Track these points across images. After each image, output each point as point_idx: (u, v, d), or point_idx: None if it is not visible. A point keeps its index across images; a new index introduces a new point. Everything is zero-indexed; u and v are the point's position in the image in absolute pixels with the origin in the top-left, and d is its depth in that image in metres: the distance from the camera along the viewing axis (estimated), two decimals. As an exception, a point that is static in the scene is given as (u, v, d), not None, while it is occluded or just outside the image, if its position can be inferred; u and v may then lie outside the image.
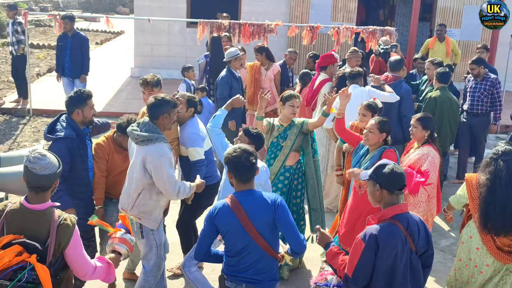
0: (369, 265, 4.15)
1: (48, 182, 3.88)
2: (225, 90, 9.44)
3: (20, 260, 3.66)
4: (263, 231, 4.48)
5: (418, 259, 4.29)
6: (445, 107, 8.86)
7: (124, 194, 5.74)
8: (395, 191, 4.27)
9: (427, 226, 4.40)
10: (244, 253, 4.54)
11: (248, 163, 4.50)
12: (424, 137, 6.55)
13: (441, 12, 18.54)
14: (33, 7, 31.56)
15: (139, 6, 18.24)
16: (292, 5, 18.08)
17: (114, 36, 29.10)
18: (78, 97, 5.82)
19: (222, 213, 4.52)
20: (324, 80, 9.43)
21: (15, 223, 3.84)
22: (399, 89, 8.92)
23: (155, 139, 5.36)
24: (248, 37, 13.05)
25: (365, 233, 4.18)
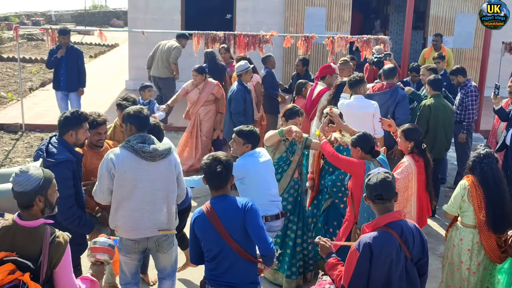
0: (364, 274, 4.18)
1: (22, 199, 3.82)
2: (239, 105, 9.56)
3: (13, 279, 3.61)
4: (236, 235, 4.61)
5: (413, 267, 4.31)
6: (440, 114, 8.90)
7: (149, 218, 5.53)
8: (375, 200, 4.34)
9: (423, 233, 4.43)
10: (220, 257, 4.66)
11: (215, 171, 4.64)
12: (409, 148, 6.56)
13: (434, 20, 18.65)
14: (25, 21, 31.47)
15: (133, 18, 18.29)
16: (287, 16, 18.17)
17: (108, 49, 29.01)
18: (75, 118, 5.57)
19: (198, 220, 4.71)
20: (323, 89, 9.51)
21: (7, 240, 3.81)
22: (396, 95, 9.01)
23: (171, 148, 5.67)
24: (243, 48, 13.08)
25: (359, 242, 4.22)
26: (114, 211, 5.54)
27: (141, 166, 5.41)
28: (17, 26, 14.07)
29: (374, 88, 9.31)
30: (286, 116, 7.07)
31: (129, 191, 5.45)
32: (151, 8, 18.10)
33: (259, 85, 11.05)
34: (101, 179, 5.47)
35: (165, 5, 18.09)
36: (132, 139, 5.43)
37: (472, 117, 10.17)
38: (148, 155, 5.39)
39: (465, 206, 6.01)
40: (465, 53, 18.38)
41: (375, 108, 8.22)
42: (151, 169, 5.46)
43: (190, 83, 10.56)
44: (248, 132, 6.04)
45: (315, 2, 18.15)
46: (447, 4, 18.52)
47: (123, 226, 5.54)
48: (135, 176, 5.43)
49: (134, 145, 5.38)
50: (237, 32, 13.35)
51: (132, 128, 5.55)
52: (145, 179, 5.46)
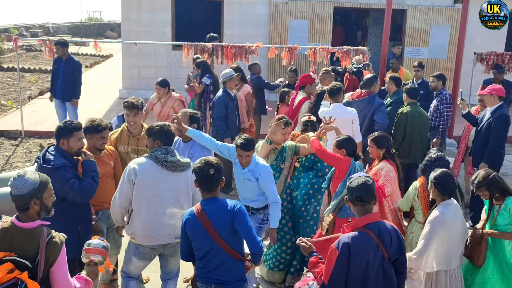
0: (343, 272, 4.18)
1: (19, 202, 3.82)
2: (221, 110, 9.56)
3: (12, 277, 3.61)
4: (224, 235, 4.64)
5: (390, 265, 4.33)
6: (416, 122, 8.94)
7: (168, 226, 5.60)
8: (355, 202, 4.36)
9: (400, 234, 4.44)
10: (210, 255, 4.69)
11: (207, 174, 4.69)
12: (380, 155, 6.64)
13: (410, 32, 18.75)
14: (24, 33, 31.32)
15: (126, 30, 18.26)
16: (272, 28, 18.20)
17: (103, 59, 28.95)
18: (66, 128, 5.56)
19: (189, 221, 4.74)
20: (304, 98, 9.56)
21: (6, 241, 3.80)
22: (373, 103, 9.06)
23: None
24: (230, 58, 13.10)
25: (338, 242, 4.23)
26: (134, 219, 5.60)
27: (162, 176, 5.52)
28: (17, 38, 13.99)
29: (353, 96, 9.37)
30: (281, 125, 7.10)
31: (148, 199, 5.53)
32: (144, 21, 18.09)
33: (250, 95, 11.04)
34: (121, 186, 5.55)
35: (156, 18, 18.08)
36: (157, 150, 5.57)
37: (446, 123, 10.22)
38: (170, 164, 5.52)
39: (417, 205, 6.22)
40: (440, 63, 18.51)
41: (354, 115, 8.31)
42: (171, 179, 5.58)
43: (154, 96, 10.13)
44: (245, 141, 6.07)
45: (298, 15, 18.20)
46: (422, 17, 18.64)
47: (141, 233, 5.60)
48: (156, 184, 5.52)
49: (158, 155, 5.52)
50: (224, 44, 13.36)
51: (159, 143, 5.66)
52: (165, 188, 5.55)
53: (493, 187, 5.60)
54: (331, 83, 9.44)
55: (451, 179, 5.47)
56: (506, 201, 5.54)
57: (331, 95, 8.55)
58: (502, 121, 8.42)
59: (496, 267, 5.63)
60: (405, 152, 8.93)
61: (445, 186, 5.42)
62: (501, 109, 8.54)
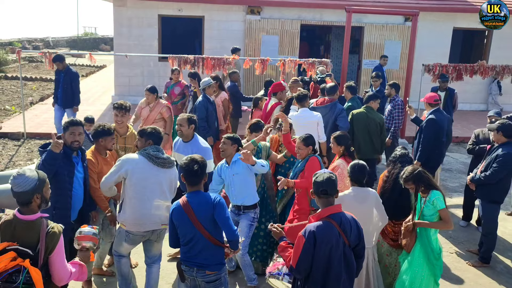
0: (309, 257, 4.19)
1: (23, 198, 3.79)
2: (202, 112, 9.58)
3: (15, 265, 3.58)
4: (206, 224, 4.69)
5: (351, 251, 4.34)
6: (362, 122, 8.98)
7: (155, 214, 5.68)
8: (320, 195, 4.36)
9: (359, 224, 4.44)
10: (193, 242, 4.75)
11: (192, 169, 4.74)
12: (340, 151, 6.70)
13: (367, 46, 18.86)
14: (27, 46, 31.06)
15: (118, 44, 18.11)
16: (246, 42, 18.18)
17: (97, 69, 28.78)
18: (65, 124, 5.86)
19: (175, 211, 4.79)
20: (275, 104, 9.58)
21: (9, 232, 3.77)
22: (334, 109, 9.07)
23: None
24: (210, 68, 13.08)
25: (305, 230, 4.23)
26: (125, 208, 5.66)
27: (152, 171, 5.61)
28: (20, 50, 13.85)
29: (318, 102, 9.40)
30: (251, 129, 7.19)
31: (139, 191, 5.59)
32: (133, 35, 17.97)
33: (227, 101, 11.06)
34: (111, 174, 5.61)
35: (144, 33, 17.98)
36: (149, 149, 5.68)
37: (398, 125, 10.31)
38: (161, 161, 5.64)
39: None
40: (393, 73, 18.64)
41: (319, 118, 8.34)
42: (160, 174, 5.67)
43: (143, 101, 10.05)
44: (235, 137, 6.39)
45: (269, 31, 18.21)
46: (377, 33, 18.76)
47: (131, 221, 5.64)
48: (146, 178, 5.60)
49: (150, 152, 5.64)
50: (205, 56, 13.32)
51: (150, 142, 5.78)
52: (154, 181, 5.64)
53: (418, 181, 5.62)
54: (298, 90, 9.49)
55: (362, 171, 5.63)
56: (430, 194, 5.57)
57: (298, 101, 8.60)
58: (429, 124, 8.53)
59: (422, 253, 5.63)
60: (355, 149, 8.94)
61: (355, 175, 5.63)
62: (431, 114, 8.65)
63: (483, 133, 8.60)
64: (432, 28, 18.97)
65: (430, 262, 5.61)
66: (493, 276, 7.29)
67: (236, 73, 12.30)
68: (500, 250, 8.04)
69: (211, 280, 4.81)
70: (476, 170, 7.63)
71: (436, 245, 5.68)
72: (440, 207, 5.49)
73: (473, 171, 7.70)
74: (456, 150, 13.27)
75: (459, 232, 8.66)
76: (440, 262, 5.69)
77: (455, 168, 12.31)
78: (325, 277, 4.26)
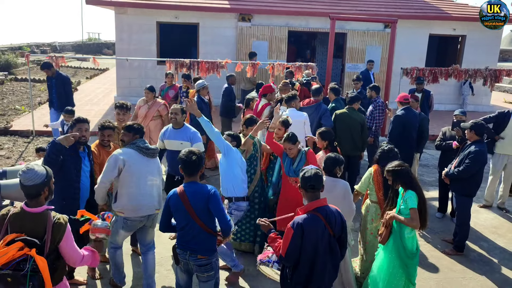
0: (297, 247, 4.17)
1: (33, 191, 3.76)
2: None
3: (22, 254, 3.58)
4: (199, 213, 4.70)
5: (335, 241, 4.33)
6: (345, 121, 8.89)
7: (150, 200, 5.75)
8: (307, 189, 4.33)
9: (343, 216, 4.42)
10: (186, 228, 4.77)
11: (190, 160, 4.73)
12: (324, 145, 6.86)
13: (350, 51, 18.86)
14: (35, 50, 30.88)
15: (120, 48, 18.04)
16: (238, 47, 18.13)
17: (100, 72, 28.70)
18: (72, 121, 5.91)
19: (172, 198, 4.78)
20: (265, 104, 9.51)
21: (17, 224, 3.74)
22: (319, 109, 9.03)
23: None
24: (204, 71, 13.04)
25: (293, 222, 4.20)
26: (122, 197, 5.65)
27: (143, 161, 5.68)
28: (28, 54, 13.83)
29: (304, 103, 9.37)
30: (246, 124, 7.19)
31: (134, 181, 5.62)
32: (134, 40, 17.89)
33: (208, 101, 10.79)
34: (107, 171, 5.59)
35: (144, 38, 17.90)
36: (137, 142, 5.73)
37: (378, 125, 10.28)
38: (151, 151, 5.73)
39: (371, 187, 6.30)
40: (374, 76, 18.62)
41: (305, 117, 8.31)
42: (150, 164, 5.75)
43: (142, 100, 10.09)
44: (235, 135, 6.57)
45: (259, 37, 18.16)
46: (359, 39, 18.75)
47: (130, 207, 5.66)
48: (139, 168, 5.64)
49: (140, 145, 5.70)
50: (199, 60, 13.27)
51: (137, 136, 5.80)
52: (145, 170, 5.70)
53: (396, 177, 5.48)
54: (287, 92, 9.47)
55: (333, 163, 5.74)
56: (406, 193, 5.42)
57: (287, 102, 8.60)
58: (396, 119, 8.94)
59: (394, 250, 5.48)
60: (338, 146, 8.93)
61: (326, 166, 5.76)
62: (400, 111, 9.02)
63: (450, 130, 8.70)
64: (409, 34, 18.99)
65: (402, 260, 5.44)
66: (466, 263, 7.28)
67: (233, 76, 12.20)
68: (473, 239, 8.03)
69: (202, 264, 4.82)
70: (450, 166, 7.61)
71: (411, 244, 5.48)
72: (410, 206, 5.32)
73: (448, 166, 7.68)
74: (432, 147, 13.24)
75: (435, 223, 8.64)
76: (415, 262, 5.52)
77: (431, 164, 12.29)
78: (312, 264, 4.24)
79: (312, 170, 4.41)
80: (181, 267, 5.01)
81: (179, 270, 5.08)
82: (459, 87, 19.94)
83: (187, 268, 4.96)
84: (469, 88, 19.60)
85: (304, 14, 18.25)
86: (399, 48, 18.14)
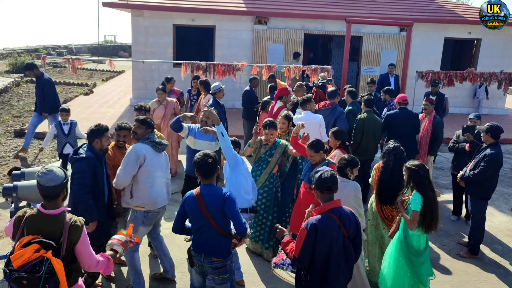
0: (310, 248, 4.20)
1: (53, 192, 3.76)
2: None
3: (38, 256, 3.56)
4: (214, 215, 4.71)
5: (350, 242, 4.34)
6: (371, 126, 9.02)
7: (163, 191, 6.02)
8: (324, 191, 4.36)
9: (356, 217, 4.45)
10: (202, 230, 4.79)
11: (206, 163, 4.77)
12: (337, 144, 6.96)
13: (365, 54, 18.85)
14: (51, 52, 31.10)
15: (136, 51, 18.16)
16: (254, 50, 18.21)
17: (116, 74, 28.83)
18: (98, 130, 5.74)
19: (189, 200, 4.82)
20: (281, 107, 9.55)
21: (33, 226, 3.73)
22: (335, 111, 9.13)
23: None
24: (220, 74, 13.13)
25: (307, 223, 4.23)
26: (140, 192, 5.81)
27: (156, 156, 5.89)
28: (45, 56, 13.97)
29: (319, 105, 9.44)
30: (264, 127, 7.15)
31: (152, 175, 5.83)
32: (150, 43, 18.01)
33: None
34: (128, 166, 5.72)
35: (160, 41, 18.02)
36: (152, 137, 5.92)
37: None
38: (163, 147, 5.96)
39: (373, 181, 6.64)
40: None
41: (320, 120, 8.35)
42: (160, 157, 5.97)
43: (154, 102, 10.15)
44: (234, 141, 6.56)
45: (275, 40, 18.22)
46: (375, 42, 18.75)
47: (150, 201, 5.85)
48: (154, 162, 5.85)
49: (154, 140, 5.91)
50: (216, 62, 13.36)
51: (150, 131, 5.98)
52: (159, 164, 5.93)
53: (411, 176, 5.53)
54: (303, 94, 9.54)
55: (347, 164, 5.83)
56: (414, 194, 5.47)
57: (301, 105, 8.65)
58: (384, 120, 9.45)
59: (400, 245, 5.55)
60: (363, 150, 8.99)
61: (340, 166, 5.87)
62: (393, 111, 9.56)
63: (465, 127, 8.62)
64: (425, 37, 18.95)
65: (407, 256, 5.48)
66: (481, 266, 7.28)
67: (256, 79, 12.25)
68: (488, 242, 8.03)
69: (217, 266, 4.84)
70: (465, 169, 7.62)
71: (417, 242, 5.51)
72: (412, 208, 5.38)
73: (463, 170, 7.69)
74: (446, 150, 13.22)
75: (449, 226, 8.65)
76: (422, 260, 5.52)
77: (446, 167, 12.27)
78: (326, 266, 4.26)
79: (328, 171, 4.44)
80: (196, 269, 5.03)
81: (194, 272, 5.11)
82: (474, 91, 19.87)
83: (202, 270, 4.98)
84: (485, 92, 19.53)
85: (320, 17, 18.29)
86: (414, 51, 18.12)
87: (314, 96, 11.18)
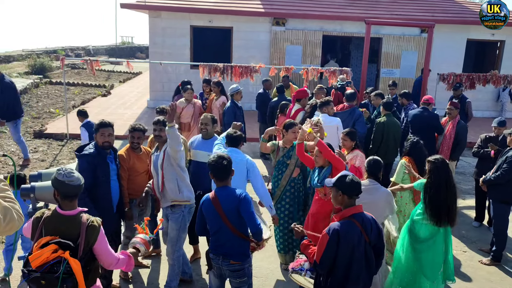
0: (332, 253, 4.17)
1: (76, 191, 3.81)
2: (231, 117, 9.62)
3: (56, 256, 3.59)
4: (231, 217, 4.75)
5: (371, 249, 4.32)
6: (391, 129, 8.99)
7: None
8: (353, 196, 4.33)
9: (378, 223, 4.43)
10: (219, 233, 4.82)
11: (221, 165, 4.78)
12: (352, 145, 6.97)
13: (385, 56, 18.75)
14: (69, 54, 31.40)
15: (153, 52, 18.29)
16: (272, 52, 18.20)
17: (134, 75, 29.02)
18: (96, 125, 5.75)
19: (205, 203, 4.86)
20: (299, 109, 9.51)
21: (51, 226, 3.77)
22: (353, 114, 9.08)
23: None
24: (238, 76, 13.14)
25: (329, 228, 4.20)
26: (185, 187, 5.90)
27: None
28: (63, 58, 14.07)
29: (338, 108, 9.40)
30: (286, 127, 6.95)
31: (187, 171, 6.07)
32: (167, 45, 18.11)
33: (224, 104, 10.63)
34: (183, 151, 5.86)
35: (177, 43, 18.11)
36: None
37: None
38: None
39: (405, 176, 6.89)
40: (409, 82, 18.47)
41: (338, 122, 8.31)
42: None
43: (181, 101, 10.18)
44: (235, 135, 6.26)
45: (293, 41, 18.20)
46: (395, 44, 18.63)
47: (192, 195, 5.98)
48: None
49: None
50: (233, 64, 13.37)
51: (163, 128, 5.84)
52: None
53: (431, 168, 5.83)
54: (322, 97, 9.51)
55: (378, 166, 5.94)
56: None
57: (320, 107, 8.60)
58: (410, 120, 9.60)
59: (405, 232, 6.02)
60: (382, 153, 8.90)
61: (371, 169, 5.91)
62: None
63: (488, 138, 8.52)
64: (446, 39, 18.78)
65: (411, 245, 5.87)
66: (504, 273, 7.18)
67: (268, 81, 12.26)
68: (510, 249, 7.91)
69: (235, 269, 4.86)
70: (489, 173, 7.52)
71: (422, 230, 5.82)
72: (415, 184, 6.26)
73: (486, 174, 7.59)
74: (468, 155, 13.06)
75: (471, 232, 8.54)
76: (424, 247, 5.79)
77: (468, 171, 12.13)
78: (346, 272, 4.24)
79: (354, 177, 4.39)
80: (214, 272, 5.05)
81: (212, 275, 5.12)
82: (497, 94, 19.63)
83: (220, 273, 5.00)
84: (508, 96, 19.26)
85: (339, 19, 18.23)
86: (435, 53, 17.95)
87: (333, 99, 11.15)
